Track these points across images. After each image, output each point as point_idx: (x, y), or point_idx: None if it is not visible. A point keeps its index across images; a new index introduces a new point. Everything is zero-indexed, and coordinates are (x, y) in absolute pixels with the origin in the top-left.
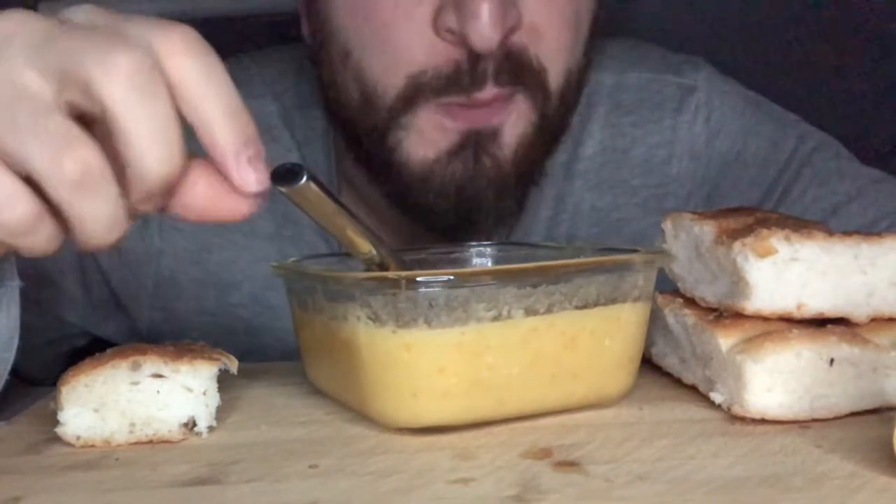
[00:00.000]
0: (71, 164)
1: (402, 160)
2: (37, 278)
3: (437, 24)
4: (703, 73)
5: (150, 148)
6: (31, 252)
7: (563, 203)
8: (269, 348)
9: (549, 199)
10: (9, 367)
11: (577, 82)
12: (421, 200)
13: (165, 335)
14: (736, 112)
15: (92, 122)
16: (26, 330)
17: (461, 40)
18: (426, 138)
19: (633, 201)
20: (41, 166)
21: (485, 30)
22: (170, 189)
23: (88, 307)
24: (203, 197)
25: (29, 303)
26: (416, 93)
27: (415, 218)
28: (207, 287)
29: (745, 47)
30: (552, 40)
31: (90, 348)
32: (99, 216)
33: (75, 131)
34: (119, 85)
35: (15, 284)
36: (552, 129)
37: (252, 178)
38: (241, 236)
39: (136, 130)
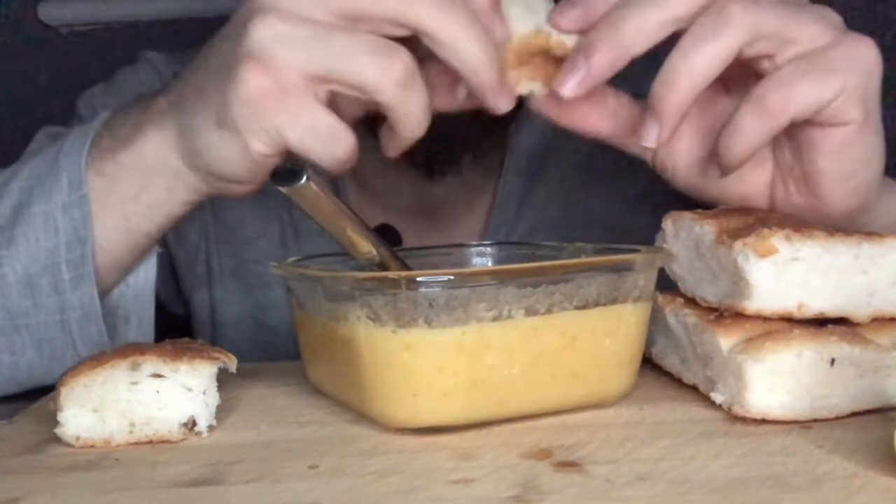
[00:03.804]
0: (399, 64)
1: None
2: None
3: None
4: None
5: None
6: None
7: (577, 206)
8: (282, 303)
9: (562, 199)
10: (152, 325)
11: None
12: None
13: (200, 291)
14: None
15: None
16: None
17: None
18: None
19: (646, 208)
20: (373, 76)
21: None
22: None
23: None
24: None
25: None
26: None
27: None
28: (225, 243)
29: None
30: None
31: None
32: (420, 107)
33: (391, 43)
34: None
35: (155, 248)
36: None
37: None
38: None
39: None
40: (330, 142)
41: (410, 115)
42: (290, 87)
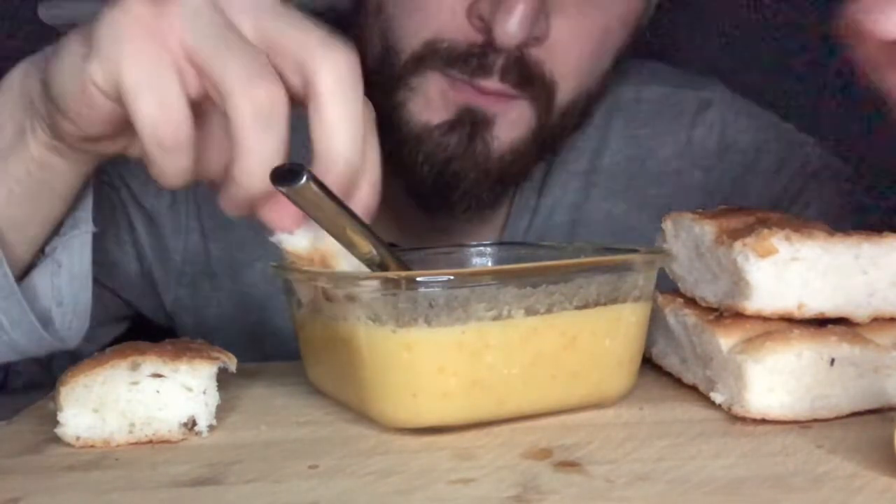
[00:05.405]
0: (263, 93)
1: (403, 118)
2: (98, 254)
3: (470, 9)
4: (718, 89)
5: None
6: (161, 174)
7: (579, 210)
8: (281, 328)
9: (566, 205)
10: (89, 308)
11: (587, 101)
12: (409, 160)
13: (187, 311)
14: (749, 128)
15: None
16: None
17: (486, 30)
18: (429, 103)
19: (647, 210)
20: (233, 86)
21: (511, 27)
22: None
23: (142, 281)
24: None
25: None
26: (428, 57)
27: (399, 181)
28: (224, 265)
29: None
30: (571, 61)
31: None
32: (266, 152)
33: (273, 71)
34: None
35: (89, 229)
36: (548, 140)
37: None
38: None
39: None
40: (161, 111)
41: (249, 155)
42: (162, 38)
